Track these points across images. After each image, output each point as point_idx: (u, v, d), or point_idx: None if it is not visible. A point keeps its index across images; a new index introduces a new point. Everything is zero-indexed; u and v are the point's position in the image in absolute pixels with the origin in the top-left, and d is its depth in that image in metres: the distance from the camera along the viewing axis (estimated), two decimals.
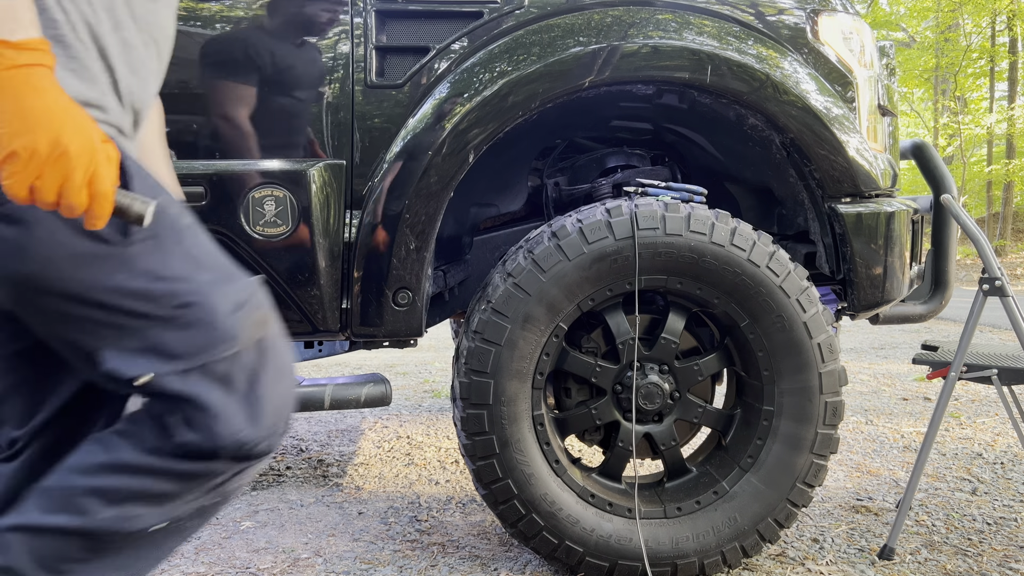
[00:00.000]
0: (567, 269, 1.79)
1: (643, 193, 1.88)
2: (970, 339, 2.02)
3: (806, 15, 1.94)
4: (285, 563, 2.05)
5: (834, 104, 1.89)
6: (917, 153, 2.33)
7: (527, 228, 2.36)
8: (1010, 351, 2.23)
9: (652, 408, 1.88)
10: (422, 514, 2.40)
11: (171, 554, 1.08)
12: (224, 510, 2.45)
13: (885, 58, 2.20)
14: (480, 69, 1.84)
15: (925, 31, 19.78)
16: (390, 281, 1.87)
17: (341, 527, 2.31)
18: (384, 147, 1.86)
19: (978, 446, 3.13)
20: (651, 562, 1.83)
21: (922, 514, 2.36)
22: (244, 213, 1.81)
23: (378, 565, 2.03)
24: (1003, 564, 2.00)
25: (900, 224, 1.97)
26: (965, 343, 2.01)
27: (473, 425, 1.82)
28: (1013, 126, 16.62)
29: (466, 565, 2.02)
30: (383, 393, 1.96)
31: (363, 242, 1.85)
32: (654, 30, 1.86)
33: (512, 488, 1.83)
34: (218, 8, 1.83)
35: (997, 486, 2.63)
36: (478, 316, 1.83)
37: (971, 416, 3.65)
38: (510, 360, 1.80)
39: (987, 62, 17.99)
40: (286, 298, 1.87)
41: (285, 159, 1.84)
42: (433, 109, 1.83)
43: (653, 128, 2.33)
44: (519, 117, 1.84)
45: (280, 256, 1.83)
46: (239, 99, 1.84)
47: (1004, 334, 6.48)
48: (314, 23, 1.85)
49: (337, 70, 1.84)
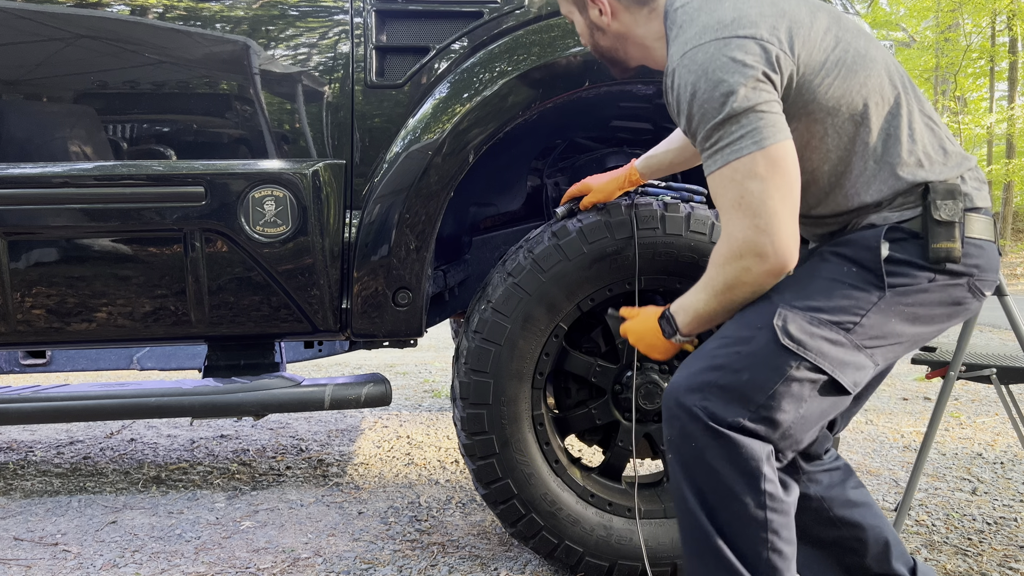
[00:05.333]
0: (567, 269, 1.79)
1: (643, 193, 1.88)
2: (968, 338, 2.02)
3: None
4: (285, 563, 2.05)
5: None
6: None
7: (527, 228, 2.36)
8: (1009, 351, 2.23)
9: (652, 408, 1.88)
10: (422, 514, 2.41)
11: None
12: (224, 510, 2.45)
13: None
14: (480, 69, 1.84)
15: (925, 31, 19.79)
16: (390, 281, 1.87)
17: (341, 527, 2.31)
18: (384, 147, 1.86)
19: (978, 446, 3.13)
20: (651, 562, 1.83)
21: (922, 514, 2.37)
22: (244, 213, 1.81)
23: (378, 565, 2.03)
24: (1003, 564, 2.00)
25: None
26: (964, 342, 2.01)
27: (473, 425, 1.82)
28: (1013, 126, 16.63)
29: (466, 565, 2.02)
30: (383, 393, 1.96)
31: (363, 242, 1.85)
32: None
33: (512, 488, 1.83)
34: (218, 8, 1.83)
35: (997, 486, 2.63)
36: (478, 316, 1.83)
37: (971, 416, 3.65)
38: (510, 360, 1.80)
39: (987, 62, 18.00)
40: (286, 298, 1.87)
41: (285, 159, 1.84)
42: (433, 109, 1.83)
43: (653, 128, 2.33)
44: (519, 117, 1.84)
45: (280, 256, 1.83)
46: (239, 99, 1.84)
47: (1003, 334, 6.48)
48: (314, 23, 1.85)
49: (337, 70, 1.84)
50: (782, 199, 1.21)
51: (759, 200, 1.20)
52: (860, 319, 1.25)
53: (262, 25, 1.83)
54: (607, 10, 1.44)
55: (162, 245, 1.83)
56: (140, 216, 1.81)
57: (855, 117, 1.29)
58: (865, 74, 1.29)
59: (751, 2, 1.28)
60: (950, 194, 1.27)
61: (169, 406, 1.90)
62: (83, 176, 1.80)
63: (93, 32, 1.80)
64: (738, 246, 1.23)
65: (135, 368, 2.81)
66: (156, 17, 1.82)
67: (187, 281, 1.85)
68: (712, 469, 1.25)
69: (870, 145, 1.30)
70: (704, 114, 1.23)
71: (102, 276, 1.84)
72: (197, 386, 1.93)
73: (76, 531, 2.30)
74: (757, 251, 1.22)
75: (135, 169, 1.81)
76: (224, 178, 1.80)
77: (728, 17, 1.26)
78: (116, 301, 1.85)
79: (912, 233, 1.28)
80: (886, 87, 1.31)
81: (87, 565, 2.06)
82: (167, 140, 1.84)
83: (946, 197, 1.27)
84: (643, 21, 1.43)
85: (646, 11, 1.43)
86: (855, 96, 1.28)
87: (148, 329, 1.88)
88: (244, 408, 1.91)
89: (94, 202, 1.80)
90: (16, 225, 1.80)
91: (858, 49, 1.31)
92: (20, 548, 2.18)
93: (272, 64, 1.84)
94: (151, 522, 2.37)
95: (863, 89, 1.29)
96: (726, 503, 1.25)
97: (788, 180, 1.21)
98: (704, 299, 1.33)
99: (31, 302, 1.84)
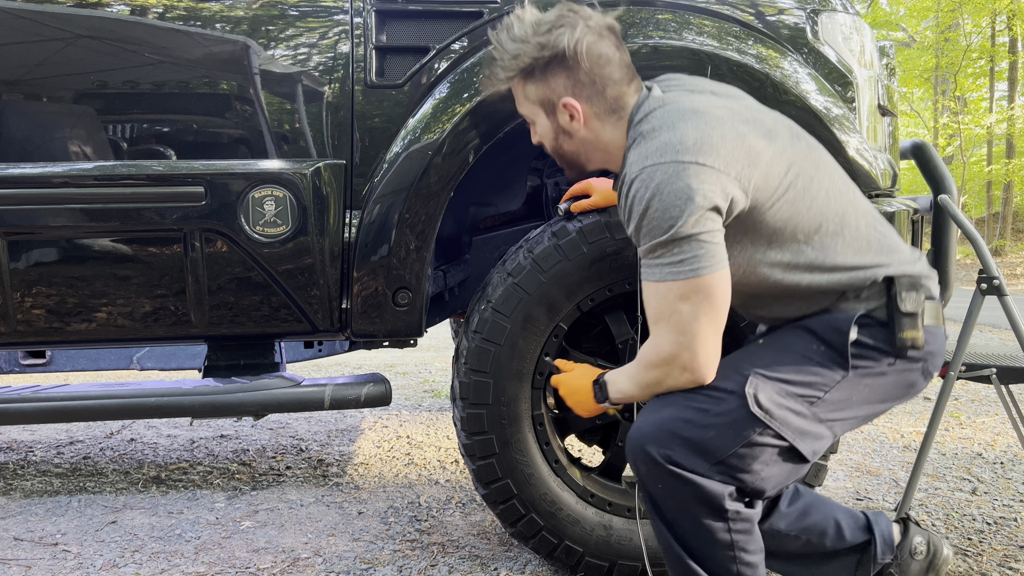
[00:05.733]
0: (567, 269, 1.79)
1: None
2: (968, 338, 2.01)
3: (806, 15, 1.94)
4: (285, 563, 2.05)
5: (834, 104, 1.89)
6: (917, 153, 2.33)
7: (527, 228, 2.36)
8: (1009, 351, 2.23)
9: None
10: (422, 514, 2.41)
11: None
12: (224, 510, 2.45)
13: (885, 58, 2.20)
14: (480, 69, 1.83)
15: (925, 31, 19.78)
16: (390, 281, 1.87)
17: (341, 527, 2.31)
18: (384, 147, 1.86)
19: (978, 446, 3.13)
20: (651, 562, 1.83)
21: (922, 514, 2.37)
22: (244, 213, 1.81)
23: (378, 565, 2.03)
24: (1003, 564, 2.00)
25: (900, 224, 1.96)
26: (964, 342, 2.01)
27: (473, 425, 1.82)
28: (1013, 126, 16.63)
29: (466, 565, 2.02)
30: (383, 393, 1.96)
31: (363, 242, 1.85)
32: (654, 30, 1.86)
33: (512, 488, 1.83)
34: (218, 8, 1.83)
35: (997, 486, 2.63)
36: (478, 316, 1.83)
37: (971, 416, 3.65)
38: (510, 360, 1.80)
39: (987, 62, 18.00)
40: (286, 298, 1.87)
41: (285, 159, 1.84)
42: (433, 109, 1.83)
43: None
44: (519, 117, 1.84)
45: (280, 256, 1.83)
46: (239, 99, 1.84)
47: (1003, 334, 6.48)
48: (314, 23, 1.85)
49: (337, 70, 1.84)
50: (709, 323, 1.32)
51: (687, 321, 1.31)
52: (824, 395, 1.36)
53: (262, 25, 1.83)
54: (580, 117, 1.45)
55: (162, 245, 1.83)
56: (140, 216, 1.81)
57: (801, 235, 1.38)
58: (811, 196, 1.37)
59: (714, 123, 1.33)
60: (913, 286, 1.38)
61: (169, 406, 1.90)
62: (83, 176, 1.80)
63: (93, 32, 1.80)
64: (664, 356, 1.35)
65: (135, 368, 2.81)
66: (156, 17, 1.82)
67: (187, 281, 1.85)
68: (678, 505, 1.37)
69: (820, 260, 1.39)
70: (652, 230, 1.30)
71: (102, 276, 1.84)
72: (197, 386, 1.93)
73: (76, 531, 2.30)
74: (680, 364, 1.34)
75: (135, 169, 1.81)
76: (224, 178, 1.80)
77: (690, 139, 1.30)
78: (116, 301, 1.85)
79: (879, 321, 1.38)
80: (832, 204, 1.39)
81: (87, 565, 2.06)
82: (167, 140, 1.84)
83: (910, 289, 1.38)
84: (611, 128, 1.46)
85: (615, 118, 1.45)
86: (802, 217, 1.37)
87: (148, 329, 1.88)
88: (244, 408, 1.91)
89: (94, 202, 1.80)
90: (16, 225, 1.80)
91: (807, 171, 1.38)
92: (20, 548, 2.18)
93: (272, 64, 1.84)
94: (151, 522, 2.37)
95: (809, 211, 1.37)
96: (694, 532, 1.37)
97: (717, 307, 1.32)
98: (631, 387, 1.45)
99: (31, 302, 1.84)
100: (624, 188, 1.36)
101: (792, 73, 1.88)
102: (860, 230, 1.41)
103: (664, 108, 1.38)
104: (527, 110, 1.51)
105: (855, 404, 1.39)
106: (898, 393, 1.42)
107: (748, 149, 1.32)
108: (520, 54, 1.42)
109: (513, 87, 1.50)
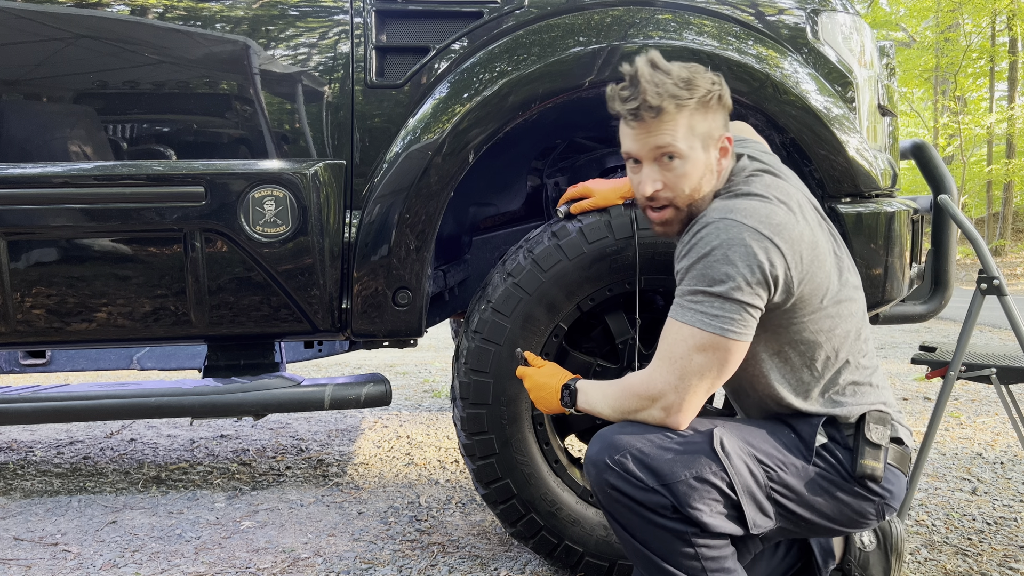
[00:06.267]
0: (567, 269, 1.79)
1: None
2: (968, 338, 2.02)
3: (806, 15, 1.94)
4: (285, 563, 2.05)
5: (834, 104, 1.89)
6: (917, 153, 2.33)
7: (527, 228, 2.36)
8: (1009, 351, 2.23)
9: None
10: (422, 514, 2.41)
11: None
12: (224, 510, 2.45)
13: (885, 58, 2.20)
14: (480, 69, 1.84)
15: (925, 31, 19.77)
16: (390, 281, 1.87)
17: (341, 527, 2.31)
18: (384, 147, 1.86)
19: (978, 446, 3.13)
20: None
21: (922, 514, 2.37)
22: (244, 213, 1.81)
23: (378, 565, 2.03)
24: (1003, 564, 2.00)
25: (900, 224, 1.97)
26: (964, 342, 2.01)
27: (473, 425, 1.82)
28: (1013, 126, 16.61)
29: (466, 565, 2.02)
30: (383, 393, 1.96)
31: (363, 242, 1.85)
32: (654, 30, 1.86)
33: (512, 488, 1.84)
34: (218, 8, 1.83)
35: (997, 486, 2.63)
36: (478, 316, 1.83)
37: (971, 416, 3.65)
38: (510, 360, 1.80)
39: (987, 62, 17.98)
40: (286, 298, 1.87)
41: (285, 159, 1.84)
42: (433, 109, 1.83)
43: None
44: (519, 117, 1.84)
45: (280, 256, 1.83)
46: (239, 99, 1.84)
47: (1003, 334, 6.48)
48: (314, 23, 1.85)
49: (337, 70, 1.84)
50: (707, 382, 1.37)
51: (691, 371, 1.36)
52: (780, 472, 1.41)
53: (262, 25, 1.83)
54: (728, 154, 1.48)
55: (162, 245, 1.83)
56: (140, 216, 1.81)
57: (812, 352, 1.44)
58: (834, 322, 1.44)
59: (800, 221, 1.40)
60: (882, 421, 1.45)
61: (169, 406, 1.90)
62: (83, 176, 1.80)
63: (93, 32, 1.80)
64: (653, 391, 1.39)
65: (135, 368, 2.81)
66: (156, 17, 1.82)
67: (187, 281, 1.85)
68: (630, 508, 1.39)
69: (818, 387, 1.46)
70: (702, 275, 1.35)
71: (102, 276, 1.84)
72: (197, 386, 1.93)
73: (76, 531, 2.30)
74: (663, 404, 1.38)
75: (135, 169, 1.81)
76: (224, 178, 1.80)
77: (776, 220, 1.36)
78: (116, 301, 1.85)
79: (844, 444, 1.45)
80: (848, 340, 1.46)
81: (87, 565, 2.06)
82: (167, 140, 1.84)
83: (879, 423, 1.44)
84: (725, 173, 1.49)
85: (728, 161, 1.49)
86: (820, 337, 1.43)
87: (148, 329, 1.88)
88: (244, 408, 1.91)
89: (94, 202, 1.80)
90: (16, 225, 1.80)
91: (841, 298, 1.45)
92: (20, 548, 2.18)
93: (272, 64, 1.84)
94: (151, 522, 2.37)
95: (831, 335, 1.44)
96: (650, 532, 1.39)
97: (722, 373, 1.37)
98: (603, 406, 1.48)
99: (31, 302, 1.84)
100: (696, 226, 1.39)
101: (792, 73, 1.88)
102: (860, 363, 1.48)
103: (765, 179, 1.45)
104: (685, 144, 1.40)
105: (805, 502, 1.42)
106: (848, 516, 1.45)
107: (811, 258, 1.39)
108: (695, 84, 1.39)
109: (674, 114, 1.39)
